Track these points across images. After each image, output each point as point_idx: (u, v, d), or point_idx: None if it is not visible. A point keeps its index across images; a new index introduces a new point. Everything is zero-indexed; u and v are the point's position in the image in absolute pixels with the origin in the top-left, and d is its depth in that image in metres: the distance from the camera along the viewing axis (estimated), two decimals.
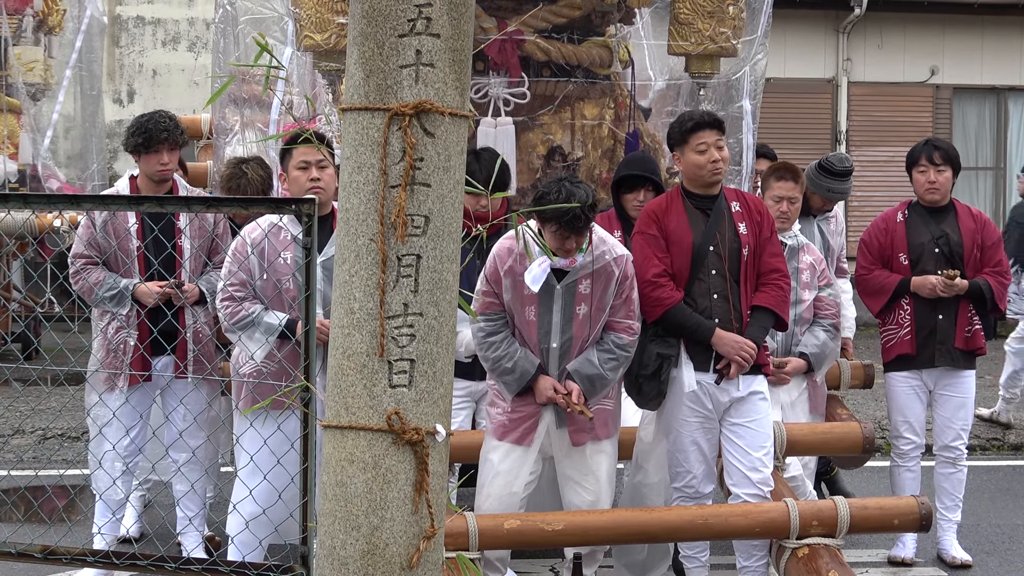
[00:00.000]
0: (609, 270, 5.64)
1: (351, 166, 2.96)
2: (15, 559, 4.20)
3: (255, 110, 8.76)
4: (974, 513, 7.88)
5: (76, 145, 14.47)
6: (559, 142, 7.53)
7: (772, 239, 5.83)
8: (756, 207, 5.85)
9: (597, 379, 5.65)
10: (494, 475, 5.69)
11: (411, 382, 2.96)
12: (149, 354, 6.29)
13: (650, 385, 5.71)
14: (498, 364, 5.62)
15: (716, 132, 5.74)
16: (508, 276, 5.60)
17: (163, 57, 18.85)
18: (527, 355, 5.64)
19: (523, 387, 5.64)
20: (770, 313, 5.76)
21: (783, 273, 5.81)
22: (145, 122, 6.39)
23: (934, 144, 7.06)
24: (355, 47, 2.96)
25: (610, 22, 7.87)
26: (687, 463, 5.77)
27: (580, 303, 5.63)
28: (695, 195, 5.79)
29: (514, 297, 5.63)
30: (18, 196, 4.16)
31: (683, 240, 5.71)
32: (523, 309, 5.64)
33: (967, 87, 17.87)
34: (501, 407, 5.74)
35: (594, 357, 5.66)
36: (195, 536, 6.57)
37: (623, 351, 5.69)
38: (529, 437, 5.69)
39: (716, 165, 5.71)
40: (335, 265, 3.02)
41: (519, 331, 5.69)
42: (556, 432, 5.71)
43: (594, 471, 5.77)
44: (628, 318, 5.72)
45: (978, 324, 6.94)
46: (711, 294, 5.70)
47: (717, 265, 5.71)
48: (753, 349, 5.65)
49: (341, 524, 2.96)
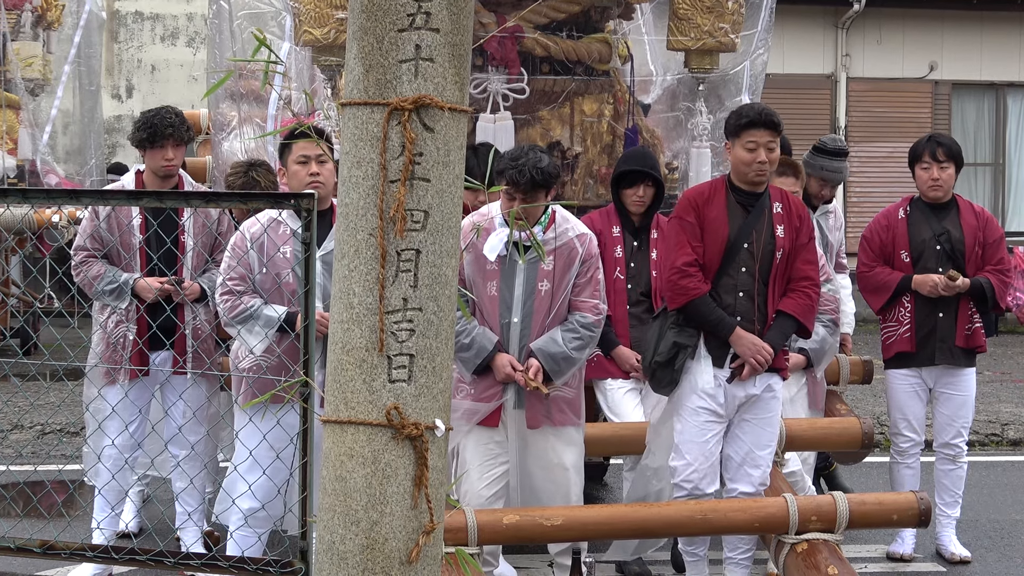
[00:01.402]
0: (572, 247, 5.70)
1: (350, 161, 2.96)
2: (14, 554, 4.20)
3: (253, 105, 8.76)
4: (973, 509, 7.89)
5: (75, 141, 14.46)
6: (558, 138, 7.53)
7: (809, 246, 5.74)
8: (798, 211, 5.76)
9: (561, 357, 5.66)
10: (468, 470, 5.71)
11: (410, 377, 2.95)
12: (148, 349, 6.30)
13: (663, 372, 5.66)
14: (455, 340, 5.63)
15: (770, 133, 5.61)
16: (470, 251, 5.63)
17: (162, 52, 18.85)
18: (485, 332, 5.67)
19: (481, 364, 5.65)
20: (793, 320, 5.67)
21: (814, 282, 5.72)
22: (151, 117, 6.38)
23: (937, 140, 7.03)
24: (354, 42, 2.96)
25: (609, 18, 7.87)
26: (690, 455, 5.71)
27: (543, 279, 5.67)
28: (739, 189, 5.70)
29: (476, 272, 5.66)
30: (17, 191, 4.17)
31: (719, 232, 5.63)
32: (484, 284, 5.68)
33: (966, 83, 17.88)
34: (464, 390, 5.75)
35: (558, 336, 5.68)
36: (194, 531, 6.57)
37: (588, 330, 5.71)
38: (495, 418, 5.72)
39: (762, 166, 5.61)
40: (334, 260, 3.02)
41: (479, 308, 5.72)
42: (513, 412, 5.74)
43: (553, 459, 5.79)
44: (593, 297, 5.76)
45: (979, 322, 6.94)
46: (737, 291, 5.63)
47: (748, 263, 5.63)
48: (770, 353, 5.59)
49: (340, 519, 2.96)
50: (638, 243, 6.63)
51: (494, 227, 5.64)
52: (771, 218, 5.66)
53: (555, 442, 5.80)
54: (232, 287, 5.67)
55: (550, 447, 5.79)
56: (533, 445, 5.78)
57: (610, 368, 6.57)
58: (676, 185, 7.96)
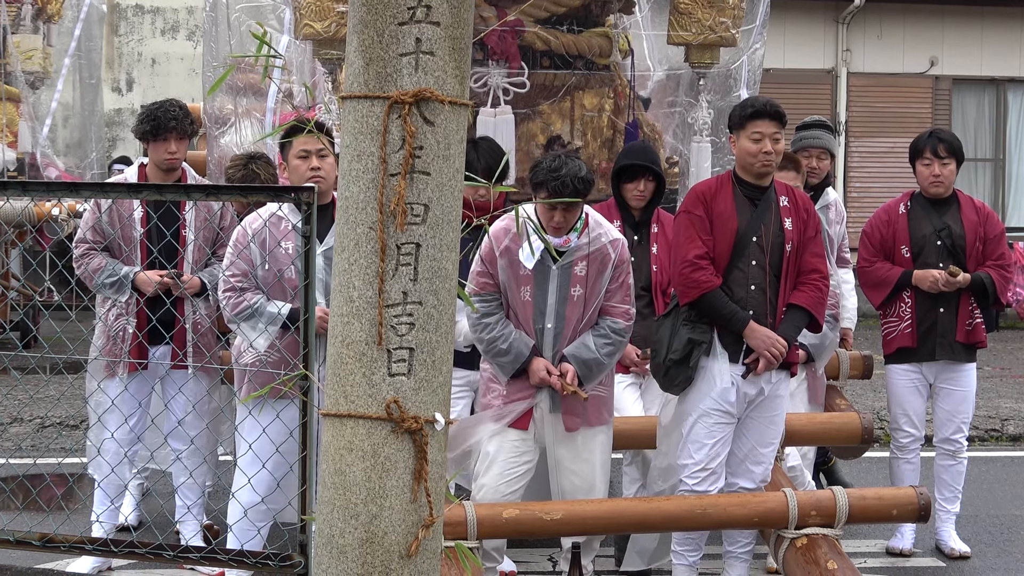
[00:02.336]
0: (605, 252, 5.67)
1: (350, 154, 2.96)
2: (13, 547, 4.20)
3: (251, 99, 8.75)
4: (973, 504, 7.89)
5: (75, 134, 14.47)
6: (558, 132, 7.52)
7: (816, 239, 5.74)
8: (804, 205, 5.76)
9: (594, 363, 5.66)
10: (490, 463, 5.69)
11: (410, 370, 2.95)
12: (147, 342, 6.29)
13: (678, 370, 5.63)
14: (493, 345, 5.63)
15: (775, 124, 5.63)
16: (504, 256, 5.62)
17: (162, 46, 18.84)
18: (522, 336, 5.66)
19: (518, 369, 5.65)
20: (805, 313, 5.67)
21: (823, 274, 5.72)
22: (155, 110, 6.38)
23: (938, 136, 7.03)
24: (355, 35, 2.95)
25: (610, 12, 7.86)
26: (697, 455, 5.69)
27: (575, 284, 5.65)
28: (745, 183, 5.70)
29: (509, 277, 5.65)
30: (17, 184, 4.16)
31: (727, 225, 5.62)
32: (518, 289, 5.66)
33: (966, 78, 17.87)
34: (496, 391, 5.75)
35: (590, 341, 5.68)
36: (193, 524, 6.57)
37: (619, 336, 5.71)
38: (525, 421, 5.70)
39: (767, 157, 5.62)
40: (334, 254, 3.02)
41: (513, 312, 5.71)
42: (550, 417, 5.72)
43: (587, 458, 5.77)
44: (624, 303, 5.75)
45: (979, 317, 6.94)
46: (748, 285, 5.62)
47: (758, 256, 5.62)
48: (784, 346, 5.58)
49: (340, 512, 2.95)
50: (638, 237, 6.63)
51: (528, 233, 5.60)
52: (779, 211, 5.66)
53: (590, 442, 5.79)
54: (235, 283, 5.67)
55: (585, 447, 5.78)
56: (569, 446, 5.76)
57: None
58: (676, 180, 7.95)
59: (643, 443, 6.30)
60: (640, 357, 6.44)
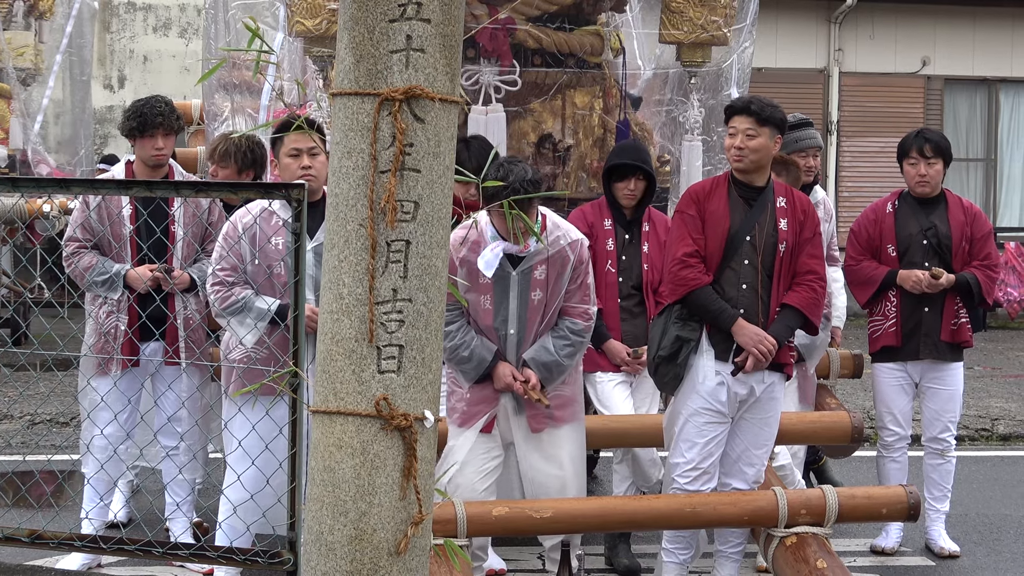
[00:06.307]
0: (564, 255, 5.69)
1: (341, 151, 2.96)
2: (2, 543, 4.19)
3: (245, 96, 8.75)
4: (962, 503, 7.90)
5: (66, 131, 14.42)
6: (550, 130, 7.52)
7: (813, 240, 5.72)
8: (802, 206, 5.74)
9: (554, 366, 5.70)
10: (460, 465, 5.70)
11: (400, 368, 2.95)
12: (138, 339, 6.29)
13: (667, 367, 5.63)
14: (455, 353, 5.66)
15: (748, 119, 5.62)
16: (463, 265, 5.62)
17: (154, 43, 18.80)
18: (484, 343, 5.68)
19: (482, 375, 5.67)
20: (798, 313, 5.65)
21: (819, 276, 5.70)
22: (141, 106, 6.37)
23: (925, 136, 7.03)
24: (345, 32, 2.95)
25: (602, 10, 7.86)
26: (688, 454, 5.68)
27: (535, 289, 5.68)
28: (741, 183, 5.70)
29: (471, 285, 5.65)
30: (7, 180, 4.15)
31: (720, 225, 5.62)
32: (478, 297, 5.68)
33: (958, 78, 17.89)
34: (459, 394, 5.77)
35: (549, 344, 5.70)
36: (183, 521, 6.56)
37: (578, 336, 5.74)
38: (489, 425, 5.74)
39: (738, 152, 5.62)
40: (324, 250, 3.02)
41: (474, 320, 5.72)
42: (515, 418, 5.76)
43: (554, 455, 5.79)
44: (583, 303, 5.77)
45: (964, 317, 6.94)
46: (740, 284, 5.61)
47: (751, 256, 5.61)
48: (773, 345, 5.55)
49: (329, 510, 2.95)
50: (629, 236, 6.63)
51: (486, 241, 5.62)
52: (774, 212, 5.66)
53: (558, 439, 5.80)
54: (223, 278, 5.65)
55: (552, 445, 5.79)
56: (536, 446, 5.78)
57: (600, 361, 6.55)
58: (667, 179, 7.95)
59: (633, 441, 6.30)
60: (631, 356, 6.44)
